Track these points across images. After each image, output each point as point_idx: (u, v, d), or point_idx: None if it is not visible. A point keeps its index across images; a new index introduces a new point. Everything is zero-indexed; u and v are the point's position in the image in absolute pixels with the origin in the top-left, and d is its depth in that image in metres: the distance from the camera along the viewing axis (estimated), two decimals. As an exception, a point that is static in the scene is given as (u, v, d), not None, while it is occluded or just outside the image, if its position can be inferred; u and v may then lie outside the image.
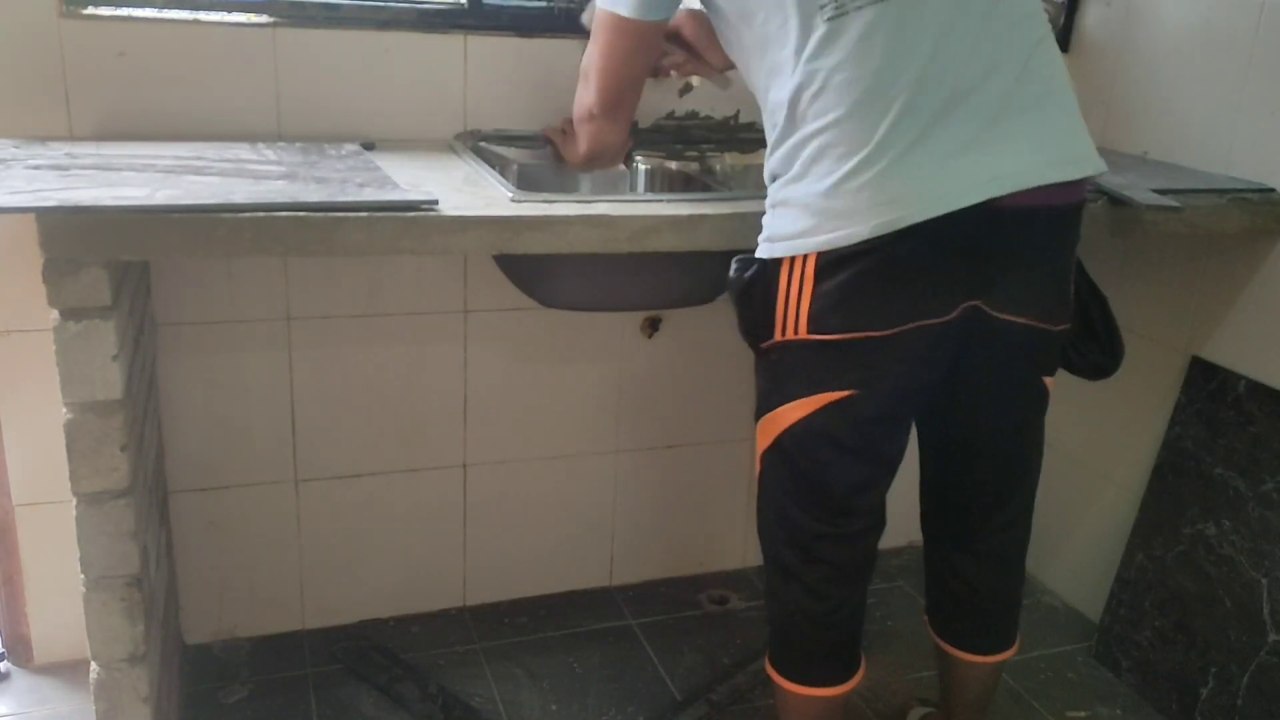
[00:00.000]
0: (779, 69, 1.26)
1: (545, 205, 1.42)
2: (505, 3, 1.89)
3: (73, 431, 1.29)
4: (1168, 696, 1.94)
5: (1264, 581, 1.79)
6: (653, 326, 2.09)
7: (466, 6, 1.83)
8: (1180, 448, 1.96)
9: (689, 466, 2.24)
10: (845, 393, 1.30)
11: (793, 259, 1.27)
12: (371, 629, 2.08)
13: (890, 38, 1.20)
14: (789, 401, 1.34)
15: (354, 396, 1.94)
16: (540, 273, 1.67)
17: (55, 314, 1.24)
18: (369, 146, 1.73)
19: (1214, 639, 1.86)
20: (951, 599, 1.61)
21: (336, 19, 1.76)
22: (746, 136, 2.04)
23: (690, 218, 1.46)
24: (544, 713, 1.89)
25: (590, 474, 2.17)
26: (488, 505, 2.11)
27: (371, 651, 2.00)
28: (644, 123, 1.99)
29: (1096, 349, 1.54)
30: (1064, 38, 2.24)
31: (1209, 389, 1.92)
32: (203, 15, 1.68)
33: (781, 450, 1.38)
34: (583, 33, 1.89)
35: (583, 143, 1.54)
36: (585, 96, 1.49)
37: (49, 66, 1.63)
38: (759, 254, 1.32)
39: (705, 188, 1.82)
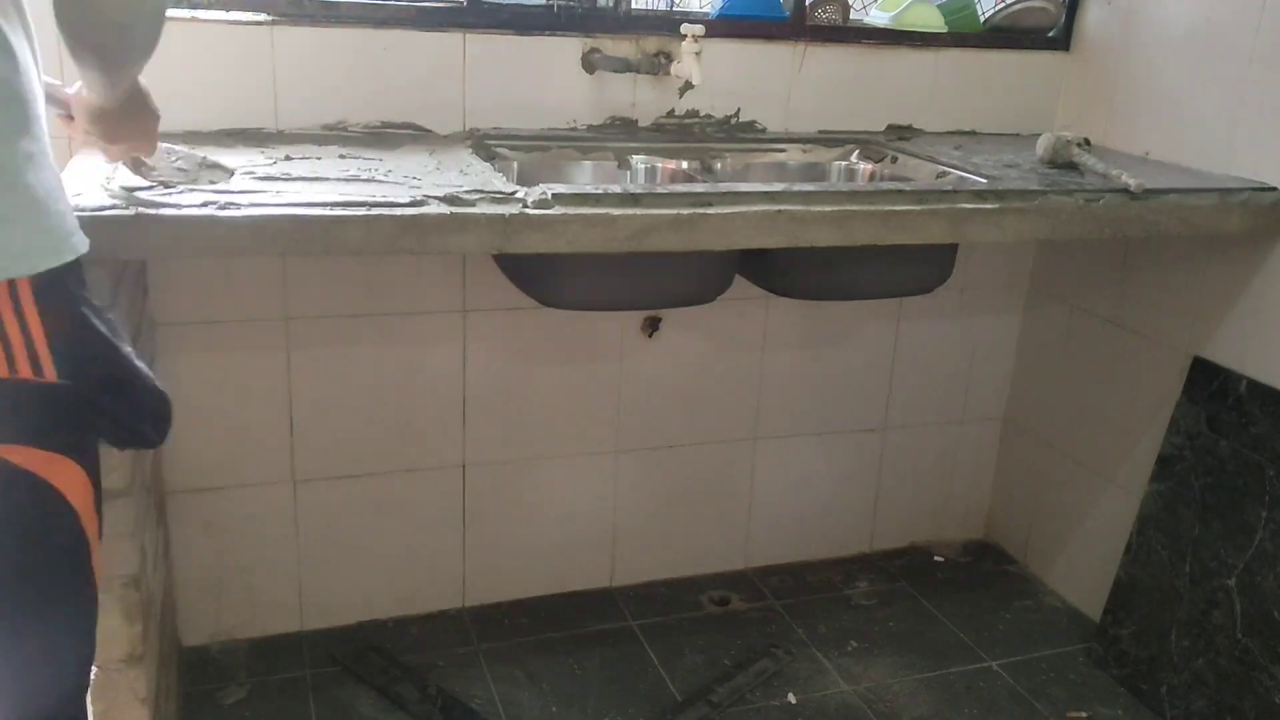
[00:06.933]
0: None
1: (544, 204, 1.42)
2: (504, 1, 1.88)
3: (70, 432, 1.28)
4: (1169, 697, 1.94)
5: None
6: (653, 326, 2.09)
7: (465, 5, 1.83)
8: (1181, 448, 1.95)
9: (689, 466, 2.23)
10: None
11: None
12: (370, 630, 2.07)
13: None
14: None
15: (352, 396, 1.94)
16: (540, 272, 1.66)
17: (53, 314, 1.23)
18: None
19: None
20: None
21: (335, 17, 1.75)
22: (746, 136, 2.04)
23: (690, 218, 1.45)
24: (544, 714, 1.88)
25: (590, 474, 2.16)
26: (487, 505, 2.10)
27: (370, 653, 1.99)
28: (644, 122, 1.98)
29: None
30: (1064, 38, 2.24)
31: (1210, 389, 1.92)
32: (201, 14, 1.68)
33: None
34: (581, 30, 1.89)
35: None
36: None
37: (48, 66, 1.61)
38: None
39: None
